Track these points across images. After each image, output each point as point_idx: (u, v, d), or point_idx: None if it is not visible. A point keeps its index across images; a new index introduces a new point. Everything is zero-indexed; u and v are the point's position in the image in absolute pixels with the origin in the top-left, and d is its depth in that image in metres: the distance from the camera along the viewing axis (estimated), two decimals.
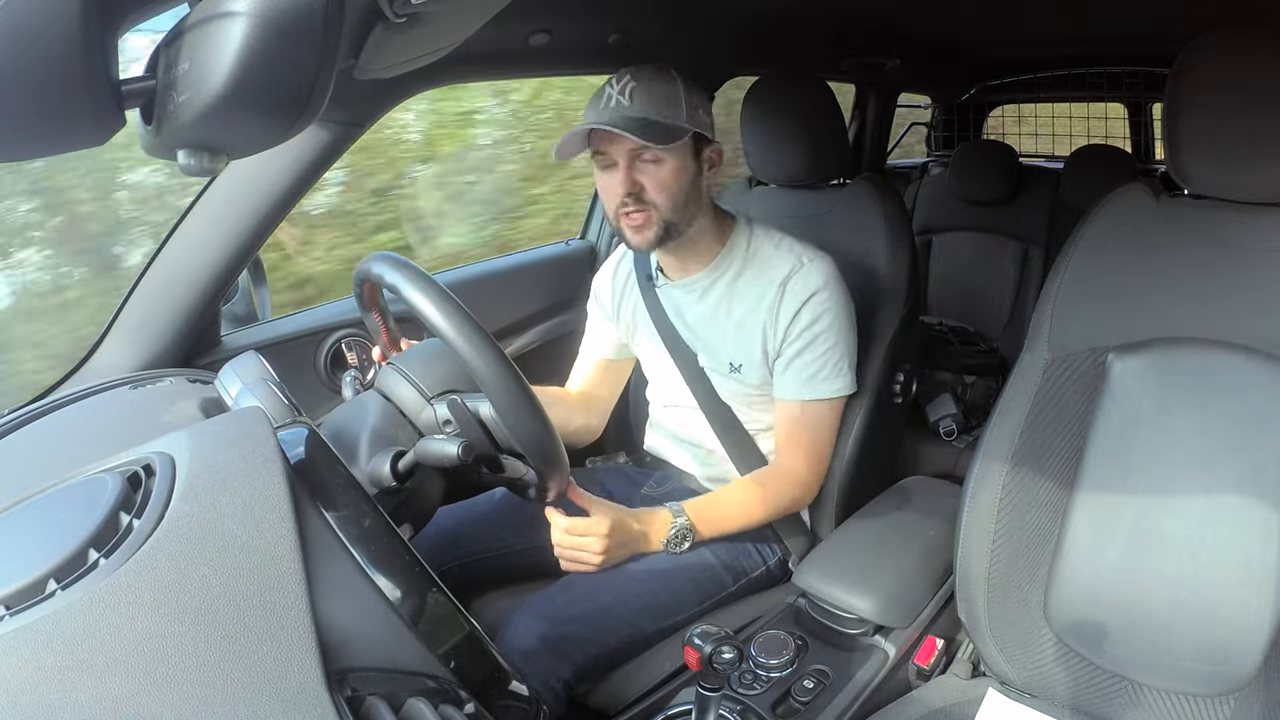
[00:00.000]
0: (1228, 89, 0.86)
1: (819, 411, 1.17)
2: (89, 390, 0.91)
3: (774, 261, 1.17)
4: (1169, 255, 0.93)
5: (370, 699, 0.50)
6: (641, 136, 1.04)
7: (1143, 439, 0.91)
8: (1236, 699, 0.86)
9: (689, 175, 1.12)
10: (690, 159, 1.12)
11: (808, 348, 1.15)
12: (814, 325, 1.14)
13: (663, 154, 1.08)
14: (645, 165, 1.09)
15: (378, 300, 1.00)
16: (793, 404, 1.17)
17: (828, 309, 1.14)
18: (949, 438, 1.93)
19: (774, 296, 1.15)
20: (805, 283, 1.14)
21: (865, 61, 2.14)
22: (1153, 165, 2.90)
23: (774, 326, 1.15)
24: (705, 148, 1.15)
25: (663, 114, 1.07)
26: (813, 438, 1.18)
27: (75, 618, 0.46)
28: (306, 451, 0.62)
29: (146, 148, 0.46)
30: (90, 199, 2.25)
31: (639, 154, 1.09)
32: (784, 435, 1.19)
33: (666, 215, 1.11)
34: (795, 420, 1.17)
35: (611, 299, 1.35)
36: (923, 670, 1.04)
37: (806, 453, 1.18)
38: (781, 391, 1.18)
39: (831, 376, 1.16)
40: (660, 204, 1.10)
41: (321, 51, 0.41)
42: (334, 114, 1.09)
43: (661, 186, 1.09)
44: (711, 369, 1.23)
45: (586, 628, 1.04)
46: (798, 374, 1.16)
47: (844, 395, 1.19)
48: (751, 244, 1.20)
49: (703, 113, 1.13)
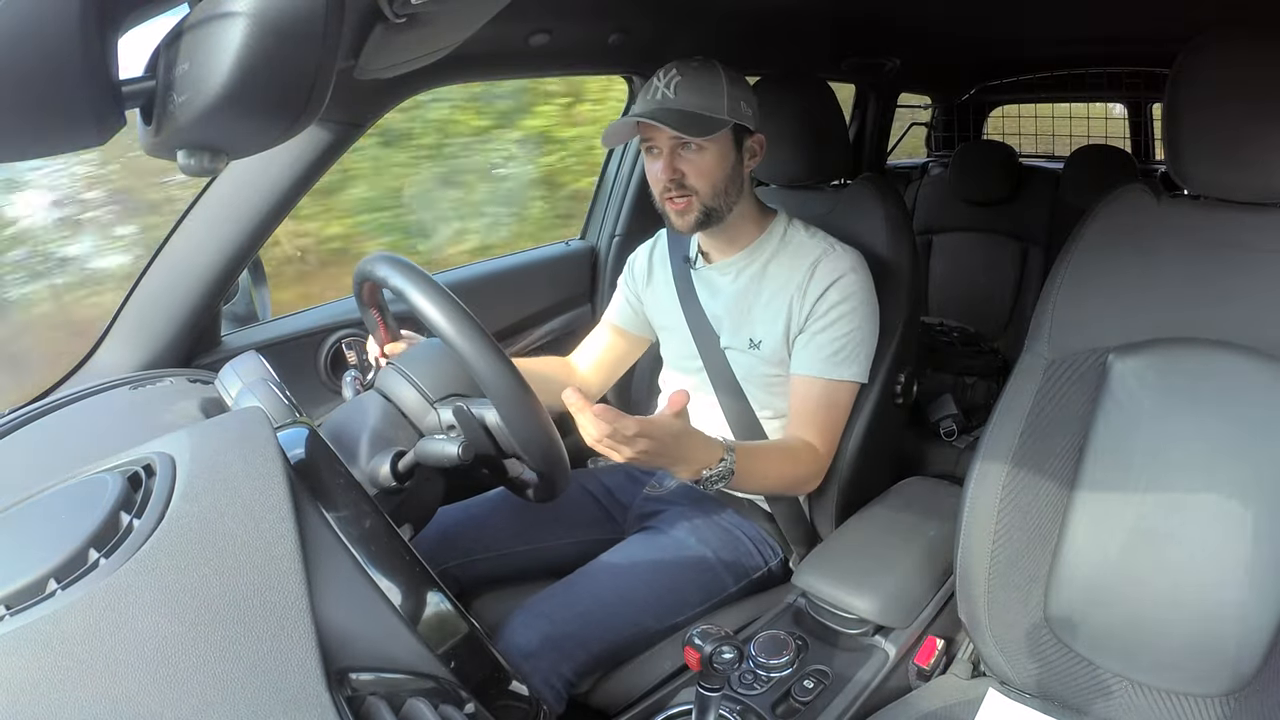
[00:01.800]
0: (1228, 89, 0.86)
1: (836, 392, 1.18)
2: (89, 390, 0.91)
3: (807, 246, 1.21)
4: (1169, 255, 0.93)
5: (370, 699, 0.50)
6: (680, 129, 1.10)
7: (1143, 439, 0.91)
8: (1236, 699, 0.86)
9: (729, 163, 1.17)
10: (731, 148, 1.17)
11: (831, 326, 1.16)
12: (840, 305, 1.16)
13: (704, 143, 1.13)
14: (687, 154, 1.15)
15: (378, 300, 1.00)
16: (812, 380, 1.17)
17: (854, 292, 1.17)
18: (949, 438, 1.93)
19: (804, 276, 1.18)
20: (835, 265, 1.17)
21: (865, 61, 2.14)
22: (1153, 165, 2.91)
23: (800, 302, 1.18)
24: (747, 138, 1.19)
25: (703, 106, 1.12)
26: (828, 416, 1.18)
27: (75, 618, 0.46)
28: (306, 451, 0.63)
29: (146, 148, 0.46)
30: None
31: (681, 143, 1.14)
32: (800, 411, 1.18)
33: (707, 201, 1.16)
34: (813, 397, 1.18)
35: (644, 275, 1.38)
36: (923, 670, 1.04)
37: (822, 430, 1.17)
38: (800, 366, 1.18)
39: (850, 360, 1.17)
40: (701, 190, 1.15)
41: (321, 51, 0.41)
42: (334, 114, 1.09)
43: (702, 174, 1.15)
44: (731, 346, 1.24)
45: (588, 626, 1.04)
46: (818, 350, 1.17)
47: (858, 383, 1.19)
48: (788, 233, 1.24)
49: (744, 104, 1.16)
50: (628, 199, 1.76)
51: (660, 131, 1.13)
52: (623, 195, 1.77)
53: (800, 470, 1.16)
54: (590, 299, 1.79)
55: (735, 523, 1.23)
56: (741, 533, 1.22)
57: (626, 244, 1.71)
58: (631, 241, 1.62)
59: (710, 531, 1.20)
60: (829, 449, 1.19)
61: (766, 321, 1.20)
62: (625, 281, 1.41)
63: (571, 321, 1.74)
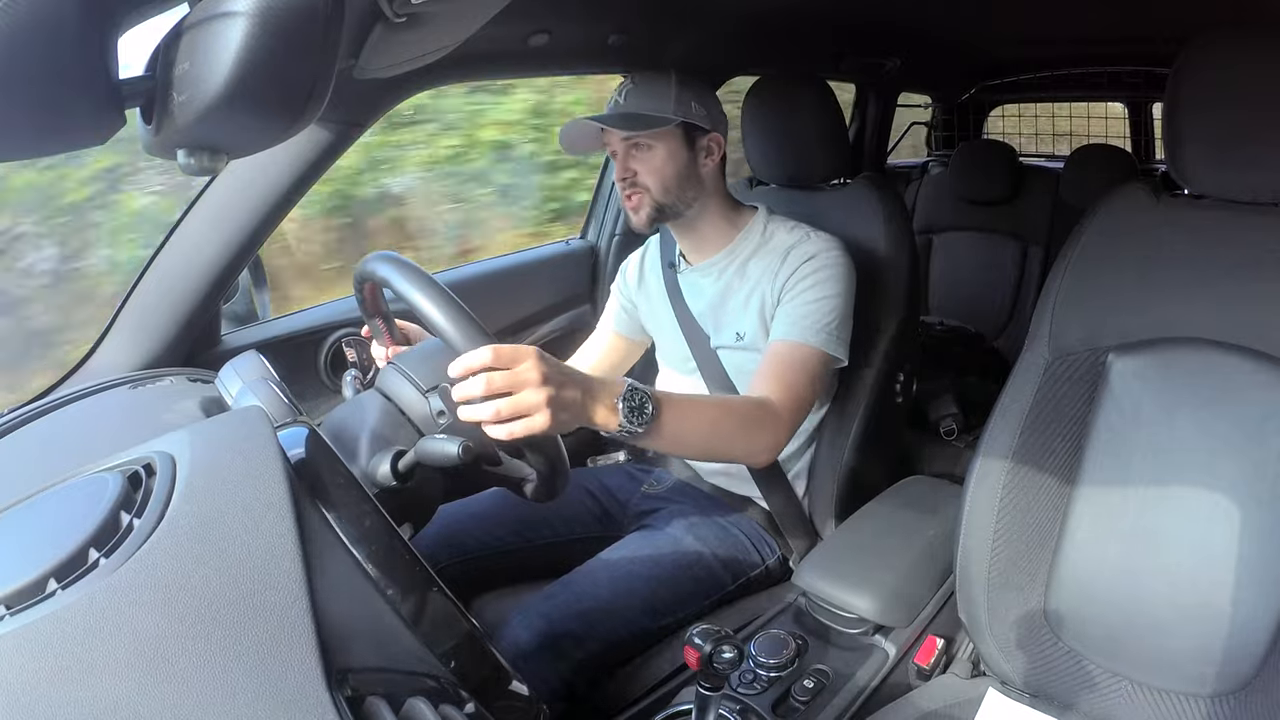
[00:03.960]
0: (1228, 88, 0.86)
1: (804, 355, 1.12)
2: (89, 390, 0.91)
3: (784, 238, 1.22)
4: (1169, 255, 0.93)
5: (370, 699, 0.50)
6: (622, 126, 1.17)
7: (1143, 439, 0.91)
8: (1236, 698, 0.86)
9: (680, 161, 1.20)
10: (681, 146, 1.21)
11: (801, 294, 1.15)
12: (809, 277, 1.16)
13: (651, 141, 1.19)
14: (638, 153, 1.20)
15: (379, 300, 1.00)
16: (779, 343, 1.13)
17: (826, 265, 1.16)
18: (949, 438, 1.93)
19: (777, 263, 1.20)
20: (807, 248, 1.18)
21: (865, 61, 2.14)
22: (1153, 165, 2.90)
23: (773, 286, 1.19)
24: (701, 137, 1.22)
25: (649, 107, 1.18)
26: (793, 377, 1.09)
27: (75, 617, 0.46)
28: (306, 451, 0.62)
29: (146, 147, 0.46)
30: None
31: (632, 143, 1.19)
32: (763, 371, 1.12)
33: (658, 197, 1.20)
34: (774, 355, 1.13)
35: (636, 281, 1.40)
36: (923, 670, 1.04)
37: (784, 387, 1.08)
38: (772, 335, 1.16)
39: (819, 328, 1.13)
40: (651, 186, 1.20)
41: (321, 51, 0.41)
42: (334, 114, 1.09)
43: (651, 171, 1.20)
44: (721, 345, 1.25)
45: (585, 626, 1.04)
46: (788, 315, 1.15)
47: (830, 354, 1.13)
48: (767, 229, 1.25)
49: (695, 105, 1.21)
50: None
51: (612, 134, 1.20)
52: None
53: (749, 426, 1.03)
54: (590, 299, 1.79)
55: (733, 521, 1.24)
56: (739, 531, 1.22)
57: (626, 244, 1.71)
58: (631, 241, 1.62)
59: (707, 530, 1.20)
60: (788, 410, 1.07)
61: (748, 314, 1.22)
62: (619, 288, 1.43)
63: (572, 321, 1.74)
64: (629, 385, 0.86)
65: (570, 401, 0.80)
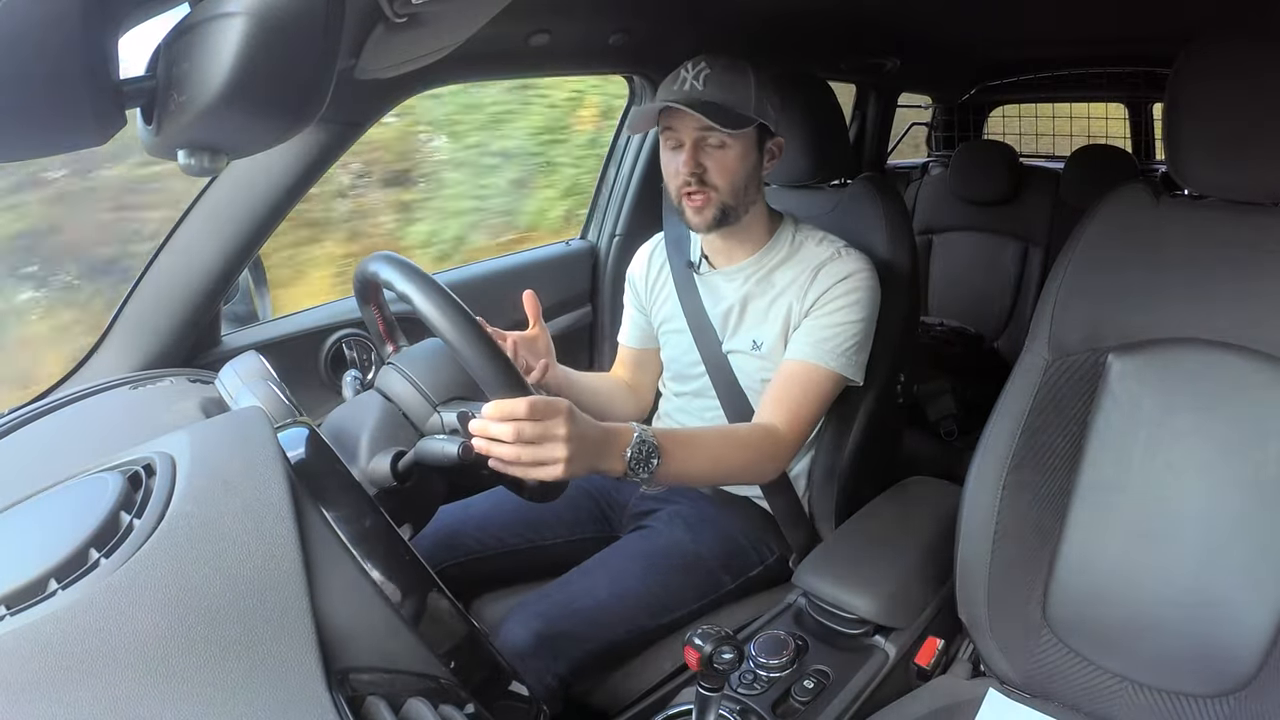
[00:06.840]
0: (1228, 88, 0.86)
1: (817, 379, 1.13)
2: (89, 390, 0.91)
3: (815, 251, 1.20)
4: (1169, 255, 0.93)
5: (370, 699, 0.50)
6: (709, 118, 1.08)
7: (1142, 439, 0.91)
8: (1236, 699, 0.86)
9: (750, 163, 1.15)
10: (753, 147, 1.15)
11: (826, 315, 1.15)
12: (839, 299, 1.14)
13: (728, 139, 1.12)
14: (710, 148, 1.13)
15: (379, 300, 1.00)
16: (793, 363, 1.14)
17: (858, 288, 1.15)
18: (949, 438, 1.94)
19: (807, 278, 1.17)
20: (840, 267, 1.16)
21: (865, 61, 2.14)
22: (1153, 165, 2.90)
23: (800, 302, 1.17)
24: (768, 139, 1.18)
25: (732, 100, 1.10)
26: (800, 401, 1.12)
27: (75, 618, 0.46)
28: (306, 451, 0.62)
29: (147, 147, 0.46)
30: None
31: (705, 137, 1.12)
32: (772, 393, 1.13)
33: (725, 199, 1.14)
34: (790, 377, 1.13)
35: (645, 287, 1.36)
36: (923, 670, 1.04)
37: (788, 413, 1.10)
38: (789, 353, 1.16)
39: (840, 352, 1.14)
40: (721, 187, 1.13)
41: (321, 51, 0.41)
42: (334, 114, 1.09)
43: (723, 170, 1.13)
44: (733, 350, 1.24)
45: (583, 625, 1.04)
46: (808, 335, 1.15)
47: (845, 377, 1.15)
48: (797, 237, 1.23)
49: (770, 106, 1.15)
50: (629, 198, 1.76)
51: (686, 122, 1.11)
52: (623, 194, 1.76)
53: (751, 455, 1.06)
54: (591, 299, 1.79)
55: (731, 521, 1.23)
56: (737, 531, 1.22)
57: (627, 244, 1.71)
58: (631, 241, 1.62)
59: (705, 530, 1.20)
60: (795, 435, 1.10)
61: (769, 323, 1.20)
62: (630, 299, 1.40)
63: (572, 321, 1.74)
64: (637, 437, 0.89)
65: (585, 454, 0.83)
